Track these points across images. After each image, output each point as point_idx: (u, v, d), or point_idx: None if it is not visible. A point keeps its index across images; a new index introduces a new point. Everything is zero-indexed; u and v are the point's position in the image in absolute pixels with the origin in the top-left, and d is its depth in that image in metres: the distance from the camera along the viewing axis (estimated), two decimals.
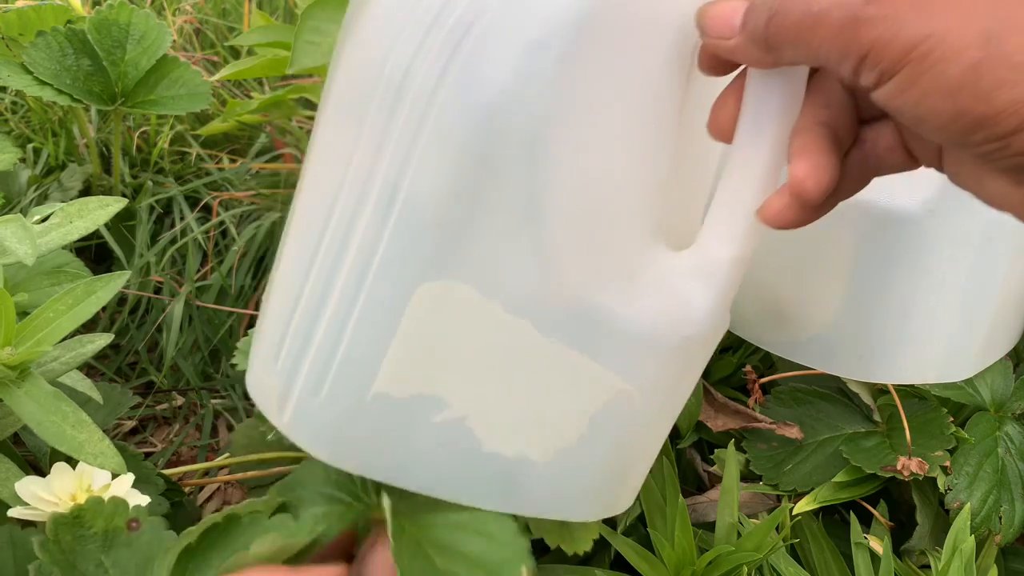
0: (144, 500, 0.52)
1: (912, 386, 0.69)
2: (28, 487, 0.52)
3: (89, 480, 0.53)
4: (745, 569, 0.58)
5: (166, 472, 0.70)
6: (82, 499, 0.51)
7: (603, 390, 0.48)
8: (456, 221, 0.43)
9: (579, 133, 0.43)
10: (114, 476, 0.54)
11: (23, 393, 0.50)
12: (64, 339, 0.55)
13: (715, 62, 0.41)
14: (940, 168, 0.38)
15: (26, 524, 0.54)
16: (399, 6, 0.43)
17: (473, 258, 0.43)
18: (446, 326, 0.45)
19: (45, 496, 0.52)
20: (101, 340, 0.59)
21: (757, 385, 0.71)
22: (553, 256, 0.44)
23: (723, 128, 0.42)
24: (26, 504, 0.52)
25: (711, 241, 0.48)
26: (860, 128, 0.40)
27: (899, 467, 0.63)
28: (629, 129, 0.44)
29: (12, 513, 0.52)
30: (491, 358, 0.46)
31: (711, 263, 0.48)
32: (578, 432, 0.49)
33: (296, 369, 0.46)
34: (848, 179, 0.40)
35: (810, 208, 0.39)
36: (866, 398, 0.71)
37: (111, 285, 0.55)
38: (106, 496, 0.51)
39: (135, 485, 0.56)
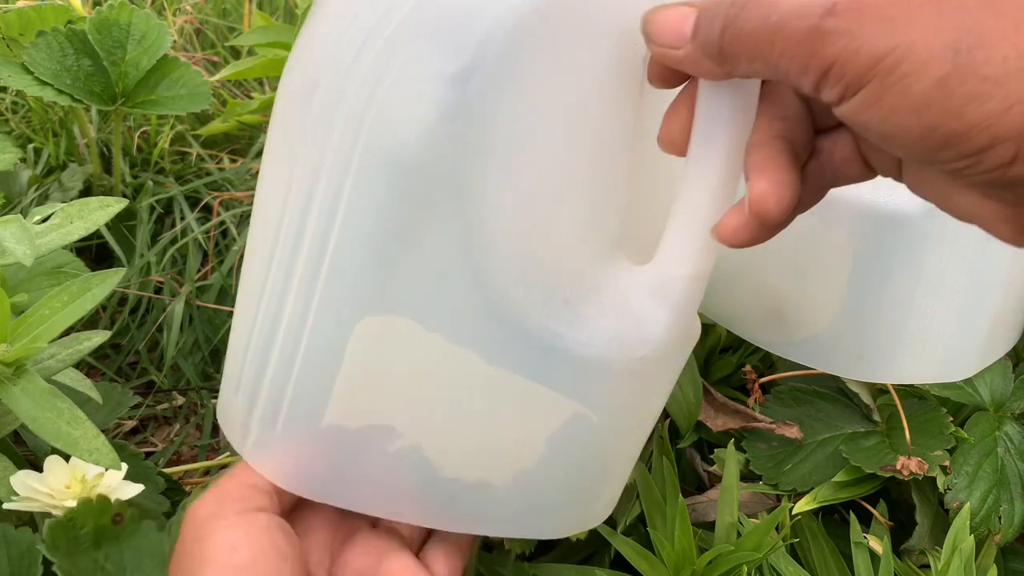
0: (137, 488, 0.53)
1: (912, 386, 0.69)
2: (23, 480, 0.52)
3: (83, 471, 0.53)
4: (745, 569, 0.58)
5: (167, 471, 0.70)
6: (76, 489, 0.52)
7: (558, 414, 0.47)
8: (389, 256, 0.42)
9: (515, 159, 0.41)
10: None
11: (19, 390, 0.50)
12: (61, 336, 0.55)
13: (664, 72, 0.39)
14: (899, 178, 0.37)
15: (20, 523, 0.54)
16: (321, 42, 0.43)
17: (409, 292, 0.43)
18: (390, 358, 0.45)
19: (40, 488, 0.52)
20: (98, 337, 0.59)
21: (757, 385, 0.71)
22: (492, 286, 0.43)
23: (675, 141, 0.40)
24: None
25: (667, 258, 0.46)
26: (816, 138, 0.38)
27: (899, 467, 0.63)
28: (574, 147, 0.43)
29: (7, 505, 0.52)
30: (438, 387, 0.46)
31: (668, 281, 0.46)
32: (535, 455, 0.49)
33: (253, 400, 0.46)
34: (804, 192, 0.38)
35: (769, 226, 0.37)
36: (866, 398, 0.70)
37: (107, 282, 0.55)
38: (100, 486, 0.51)
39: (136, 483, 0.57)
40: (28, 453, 0.67)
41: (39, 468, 0.65)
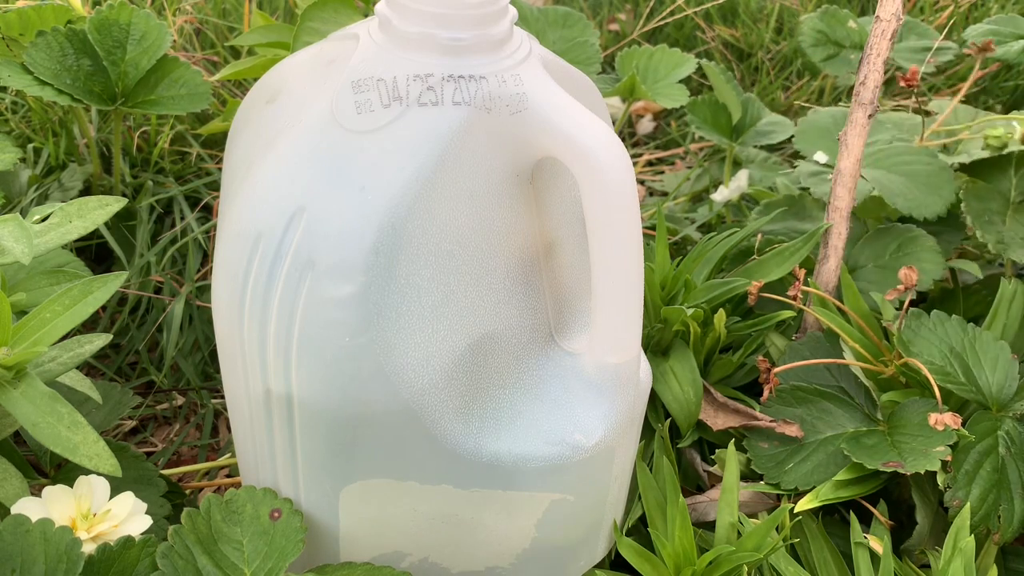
0: (147, 522, 0.53)
1: (916, 381, 0.68)
2: (27, 506, 0.51)
3: (88, 504, 0.53)
4: (745, 569, 0.58)
5: (166, 472, 0.70)
6: (80, 524, 0.51)
7: (537, 505, 0.53)
8: (345, 443, 0.48)
9: (422, 336, 0.46)
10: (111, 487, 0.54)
11: (19, 394, 0.50)
12: (62, 339, 0.55)
13: None
14: None
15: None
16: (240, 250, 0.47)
17: (373, 460, 0.49)
18: (380, 507, 0.52)
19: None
20: (100, 340, 0.58)
21: (772, 374, 0.70)
22: (444, 435, 0.48)
23: None
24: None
25: (598, 348, 0.51)
26: None
27: (932, 422, 0.62)
28: (484, 289, 0.48)
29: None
30: (429, 516, 0.52)
31: (602, 370, 0.51)
32: (530, 538, 0.55)
33: None
34: None
35: None
36: (873, 395, 0.70)
37: (108, 286, 0.54)
38: (107, 520, 0.52)
39: (138, 486, 0.56)
40: (28, 453, 0.67)
41: (40, 468, 0.65)
